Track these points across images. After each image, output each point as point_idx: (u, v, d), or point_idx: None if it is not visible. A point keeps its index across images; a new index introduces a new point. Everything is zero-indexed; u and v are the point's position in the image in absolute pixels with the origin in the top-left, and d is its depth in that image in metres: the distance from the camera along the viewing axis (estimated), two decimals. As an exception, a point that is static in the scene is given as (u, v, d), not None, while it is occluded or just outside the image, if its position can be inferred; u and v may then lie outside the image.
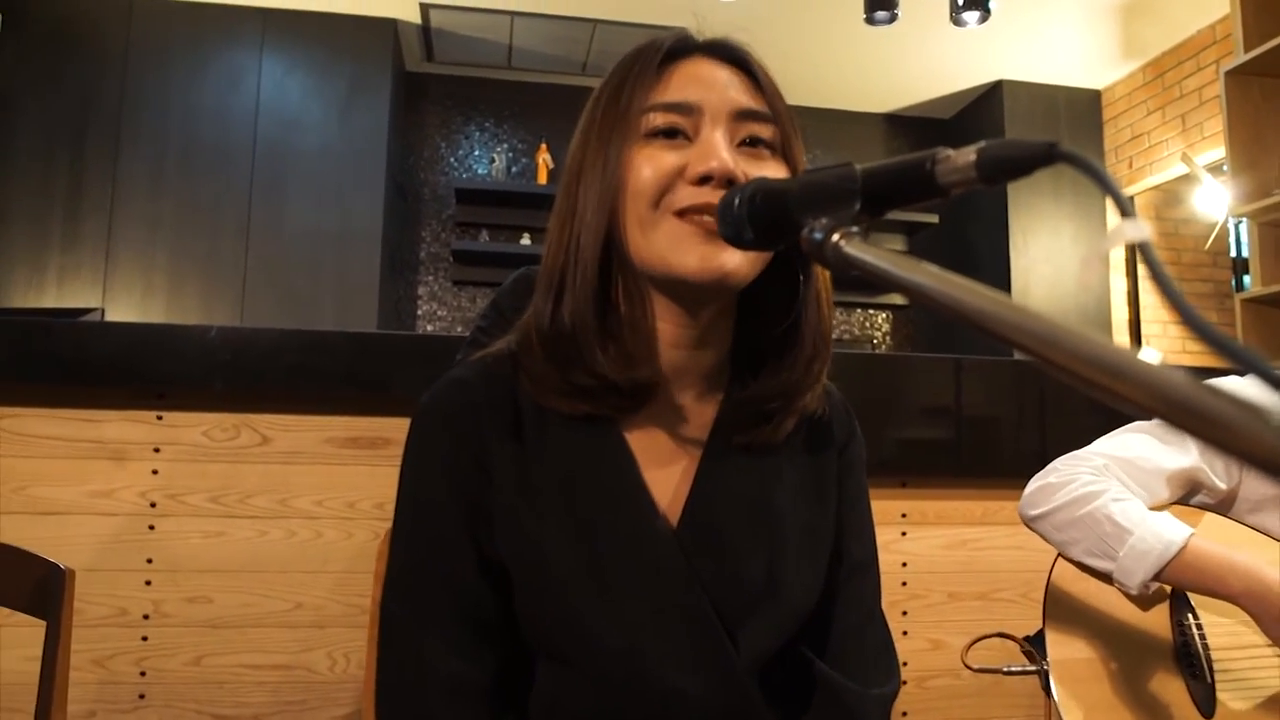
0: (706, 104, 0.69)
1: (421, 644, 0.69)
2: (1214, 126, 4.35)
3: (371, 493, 2.25)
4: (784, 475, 0.76)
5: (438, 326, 5.05)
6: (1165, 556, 1.00)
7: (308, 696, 2.19)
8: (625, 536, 0.70)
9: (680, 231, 0.66)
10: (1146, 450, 1.12)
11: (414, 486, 0.73)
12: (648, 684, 0.68)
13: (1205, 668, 1.04)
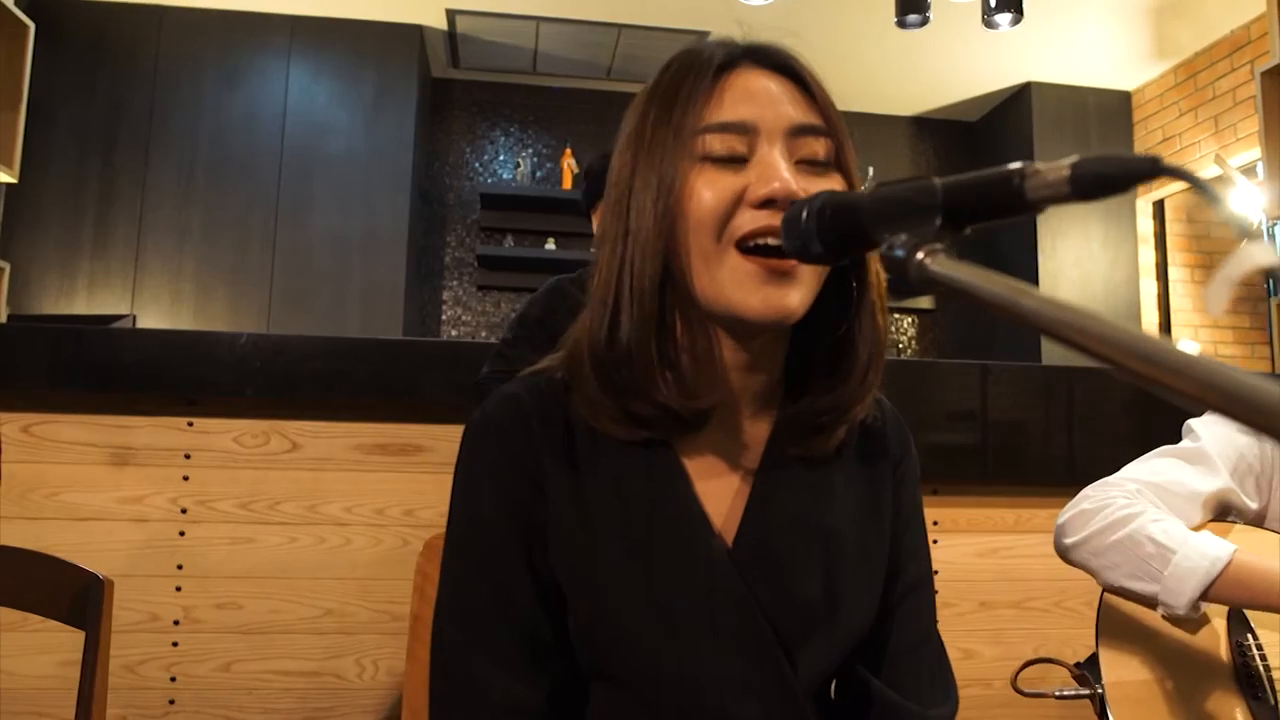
0: (762, 122, 0.66)
1: (475, 664, 0.68)
2: (1248, 128, 4.28)
3: (400, 499, 2.25)
4: (839, 492, 0.74)
5: (462, 332, 5.07)
6: (1212, 573, 0.97)
7: (336, 703, 2.19)
8: (681, 557, 0.69)
9: (745, 271, 0.64)
10: (1177, 474, 1.10)
11: (467, 503, 0.72)
12: (705, 710, 0.67)
13: (1269, 689, 1.01)
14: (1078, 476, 2.37)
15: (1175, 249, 5.03)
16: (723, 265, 0.65)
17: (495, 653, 0.68)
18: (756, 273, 0.64)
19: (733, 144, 0.66)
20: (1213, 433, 1.12)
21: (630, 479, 0.70)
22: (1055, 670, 1.21)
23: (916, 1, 2.82)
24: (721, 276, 0.65)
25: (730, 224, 0.65)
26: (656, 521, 0.69)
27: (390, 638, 2.22)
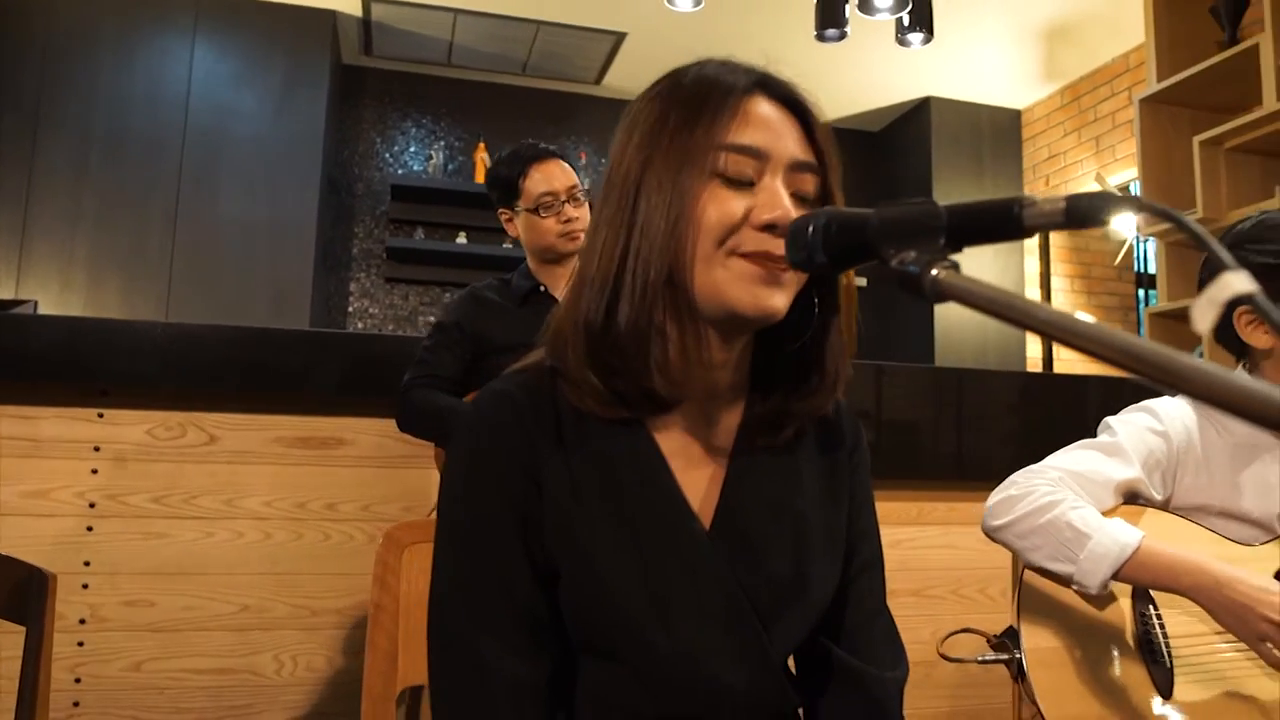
0: (772, 151, 0.72)
1: (480, 647, 0.71)
2: (1126, 149, 4.60)
3: (322, 493, 2.22)
4: (803, 478, 0.81)
5: (369, 324, 4.98)
6: (1122, 558, 1.08)
7: (253, 700, 2.15)
8: (665, 539, 0.74)
9: (742, 271, 0.71)
10: (1095, 464, 1.21)
11: (465, 498, 0.75)
12: (697, 679, 0.72)
13: (1165, 654, 1.13)
14: (966, 473, 2.55)
15: (1057, 260, 5.35)
16: (722, 267, 0.71)
17: (500, 636, 0.72)
18: (753, 274, 0.71)
19: (744, 167, 0.72)
20: (1128, 430, 1.24)
21: (615, 465, 0.74)
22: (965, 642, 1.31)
23: (835, 17, 2.94)
24: (720, 276, 0.71)
25: (732, 239, 0.71)
26: (640, 506, 0.74)
27: (310, 633, 2.20)
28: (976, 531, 2.73)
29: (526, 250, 2.01)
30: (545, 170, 1.94)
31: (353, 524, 2.24)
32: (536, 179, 1.93)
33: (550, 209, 1.93)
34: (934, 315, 5.11)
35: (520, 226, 1.98)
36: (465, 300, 2.00)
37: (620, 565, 0.72)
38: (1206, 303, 0.39)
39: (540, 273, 2.00)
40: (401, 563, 1.13)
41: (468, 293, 2.02)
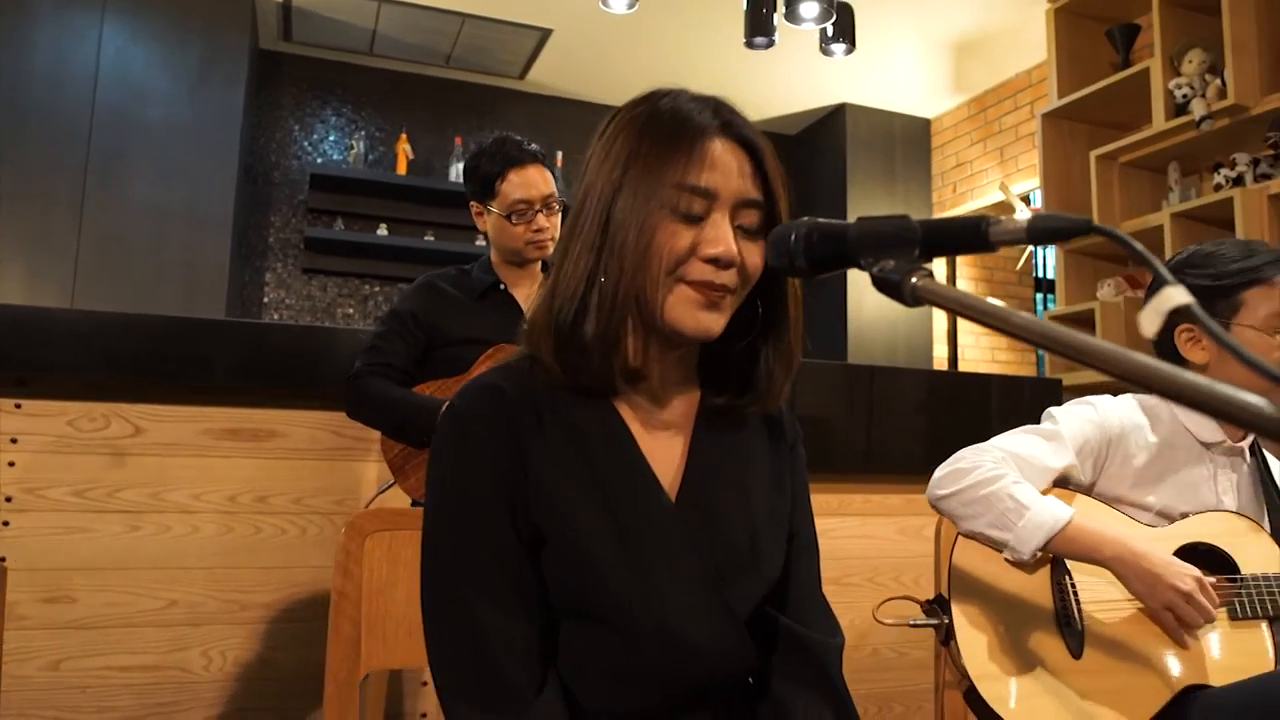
0: (723, 191, 0.81)
1: (478, 611, 0.77)
2: (1028, 160, 4.85)
3: (253, 486, 2.20)
4: (753, 464, 0.90)
5: (285, 315, 4.87)
6: (1055, 529, 1.19)
7: (180, 698, 2.12)
8: (639, 511, 0.82)
9: (687, 297, 0.80)
10: (1035, 449, 1.32)
11: (456, 483, 0.81)
12: (669, 635, 0.79)
13: (1078, 618, 1.24)
14: (876, 466, 2.68)
15: (963, 263, 5.61)
16: (671, 293, 0.80)
17: (495, 600, 0.78)
18: (696, 299, 0.80)
19: (695, 205, 0.80)
20: (1068, 420, 1.36)
21: (589, 444, 0.82)
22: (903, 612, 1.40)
23: (764, 26, 3.03)
24: (667, 299, 0.80)
25: (681, 268, 0.80)
26: (614, 480, 0.82)
27: (240, 627, 2.17)
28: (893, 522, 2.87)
29: (493, 247, 2.01)
30: (524, 176, 1.90)
31: (285, 517, 2.22)
32: (514, 183, 1.89)
33: (523, 216, 1.90)
34: (846, 315, 5.29)
35: (490, 225, 1.96)
36: (422, 290, 1.97)
37: (598, 534, 0.79)
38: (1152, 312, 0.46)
39: (502, 270, 1.99)
40: (364, 550, 1.16)
41: (425, 282, 1.99)
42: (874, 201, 5.46)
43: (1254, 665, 1.20)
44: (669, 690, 0.81)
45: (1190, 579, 1.17)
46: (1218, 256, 1.35)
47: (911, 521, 2.81)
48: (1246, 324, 1.30)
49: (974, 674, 1.20)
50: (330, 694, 1.11)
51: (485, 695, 0.76)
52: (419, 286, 1.99)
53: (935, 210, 5.57)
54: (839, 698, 0.85)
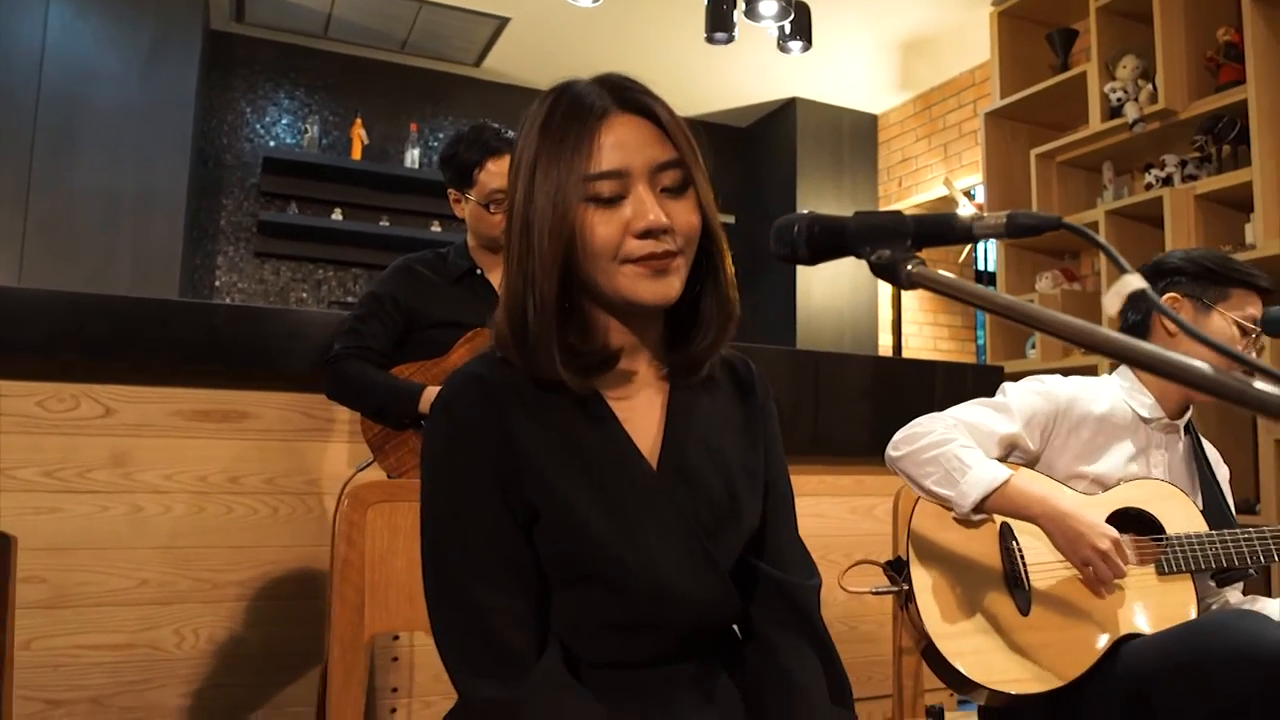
0: (632, 167, 0.85)
1: (476, 589, 0.83)
2: (971, 156, 5.02)
3: (224, 466, 2.22)
4: (727, 424, 0.96)
5: (237, 298, 4.83)
6: (993, 486, 1.31)
7: (152, 675, 2.14)
8: (623, 479, 0.88)
9: (635, 273, 0.85)
10: (985, 418, 1.44)
11: (449, 466, 0.86)
12: (660, 587, 0.86)
13: (1025, 580, 1.36)
14: (822, 447, 2.79)
15: (907, 256, 5.77)
16: (619, 274, 0.85)
17: (491, 578, 0.84)
18: (644, 273, 0.85)
19: (612, 187, 0.84)
20: (1018, 394, 1.48)
21: (574, 421, 0.88)
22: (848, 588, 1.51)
23: (724, 22, 3.12)
24: (620, 282, 0.85)
25: (620, 250, 0.84)
26: (599, 453, 0.88)
27: (212, 605, 2.19)
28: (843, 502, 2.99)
29: (470, 233, 2.05)
30: (502, 166, 1.93)
31: (256, 497, 2.25)
32: (492, 172, 1.93)
33: (501, 205, 1.93)
34: (796, 305, 5.42)
35: (468, 213, 2.00)
36: (400, 273, 2.00)
37: (588, 505, 0.85)
38: (1114, 294, 0.55)
39: (478, 255, 2.03)
40: (366, 520, 1.21)
41: (402, 265, 2.03)
42: (823, 194, 5.60)
43: (1180, 615, 1.33)
44: (662, 639, 0.88)
45: (1107, 539, 1.28)
46: (1227, 255, 1.52)
47: (862, 501, 2.94)
48: (1227, 312, 1.44)
49: (932, 633, 1.31)
50: (336, 656, 1.16)
51: (489, 666, 0.81)
52: (397, 270, 2.03)
53: (881, 204, 5.73)
54: (818, 635, 0.93)
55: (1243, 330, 1.45)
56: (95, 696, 2.08)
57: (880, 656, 2.66)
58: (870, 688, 2.58)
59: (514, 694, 0.79)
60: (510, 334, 0.86)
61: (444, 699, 2.40)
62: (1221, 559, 1.34)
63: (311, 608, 2.24)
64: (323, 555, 2.25)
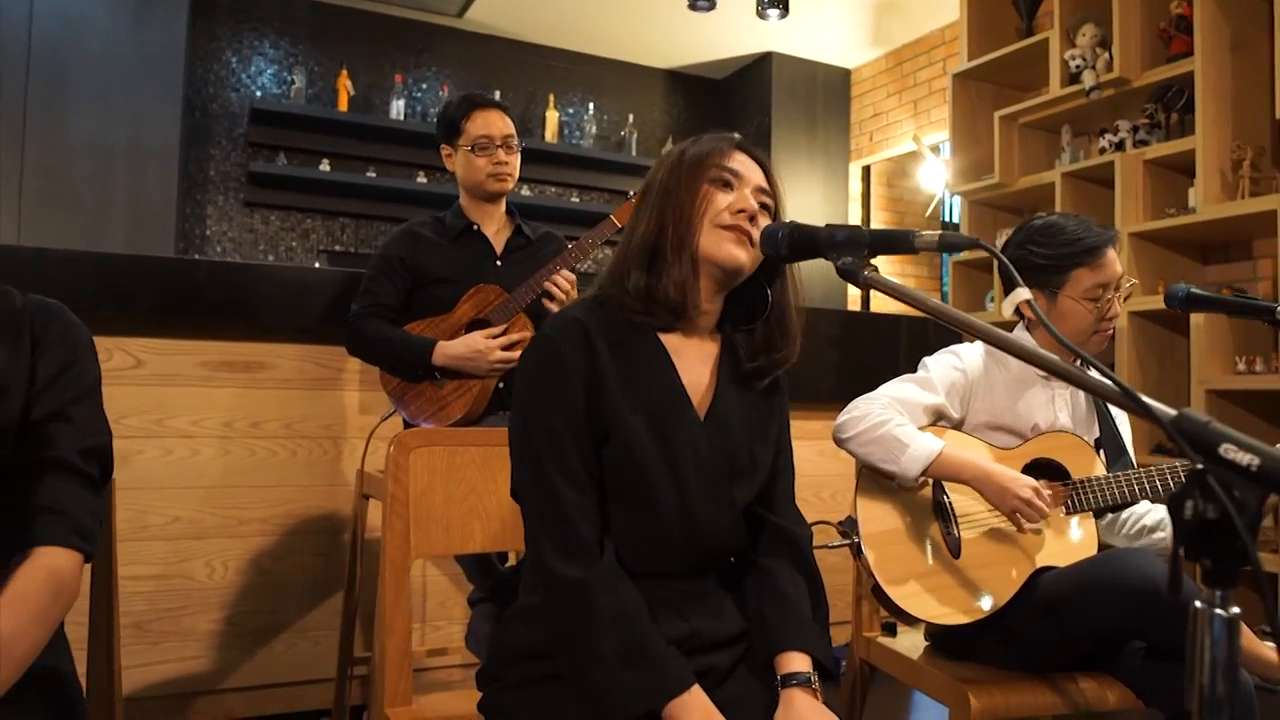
0: (746, 177, 1.15)
1: (561, 486, 1.05)
2: (939, 114, 5.21)
3: (247, 413, 2.42)
4: (757, 397, 1.19)
5: (227, 247, 4.95)
6: (929, 459, 1.53)
7: (186, 603, 2.36)
8: (677, 420, 1.10)
9: (723, 235, 1.12)
10: (911, 393, 1.66)
11: (548, 386, 1.07)
12: (688, 513, 1.08)
13: (955, 527, 1.60)
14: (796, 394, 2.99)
15: (877, 208, 5.99)
16: (714, 234, 1.11)
17: (572, 477, 1.05)
18: (730, 236, 1.11)
19: (728, 176, 1.14)
20: (937, 368, 1.70)
21: (641, 366, 1.11)
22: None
23: (707, -9, 3.25)
24: (712, 239, 1.11)
25: (720, 218, 1.12)
26: (662, 395, 1.11)
27: (238, 540, 2.40)
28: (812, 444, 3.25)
29: (461, 187, 2.24)
30: (487, 117, 2.16)
31: (276, 440, 2.45)
32: (478, 122, 2.15)
33: (485, 150, 2.15)
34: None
35: (458, 163, 2.20)
36: (404, 236, 2.19)
37: (645, 436, 1.07)
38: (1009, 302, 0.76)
39: (472, 210, 2.23)
40: (409, 462, 1.42)
41: (406, 230, 2.22)
42: (796, 147, 5.77)
43: (1086, 549, 1.58)
44: (683, 557, 1.10)
45: (1029, 488, 1.51)
46: (1053, 236, 1.68)
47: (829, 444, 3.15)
48: (1071, 295, 1.66)
49: (879, 577, 1.55)
50: (388, 577, 1.38)
51: (566, 548, 1.03)
52: (402, 233, 2.22)
53: (852, 157, 5.92)
54: (809, 568, 1.17)
55: (1093, 299, 1.66)
56: (137, 622, 2.30)
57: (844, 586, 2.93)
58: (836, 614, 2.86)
59: (586, 575, 1.02)
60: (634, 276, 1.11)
61: (450, 624, 2.64)
62: (1117, 497, 1.59)
63: (329, 541, 2.46)
64: (339, 494, 2.47)
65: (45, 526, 0.96)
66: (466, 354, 1.99)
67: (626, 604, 1.02)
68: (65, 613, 0.97)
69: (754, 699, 1.06)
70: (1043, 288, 1.70)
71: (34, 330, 1.03)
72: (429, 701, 1.40)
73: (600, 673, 0.98)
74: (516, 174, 2.23)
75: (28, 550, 0.95)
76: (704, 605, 1.11)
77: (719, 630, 1.10)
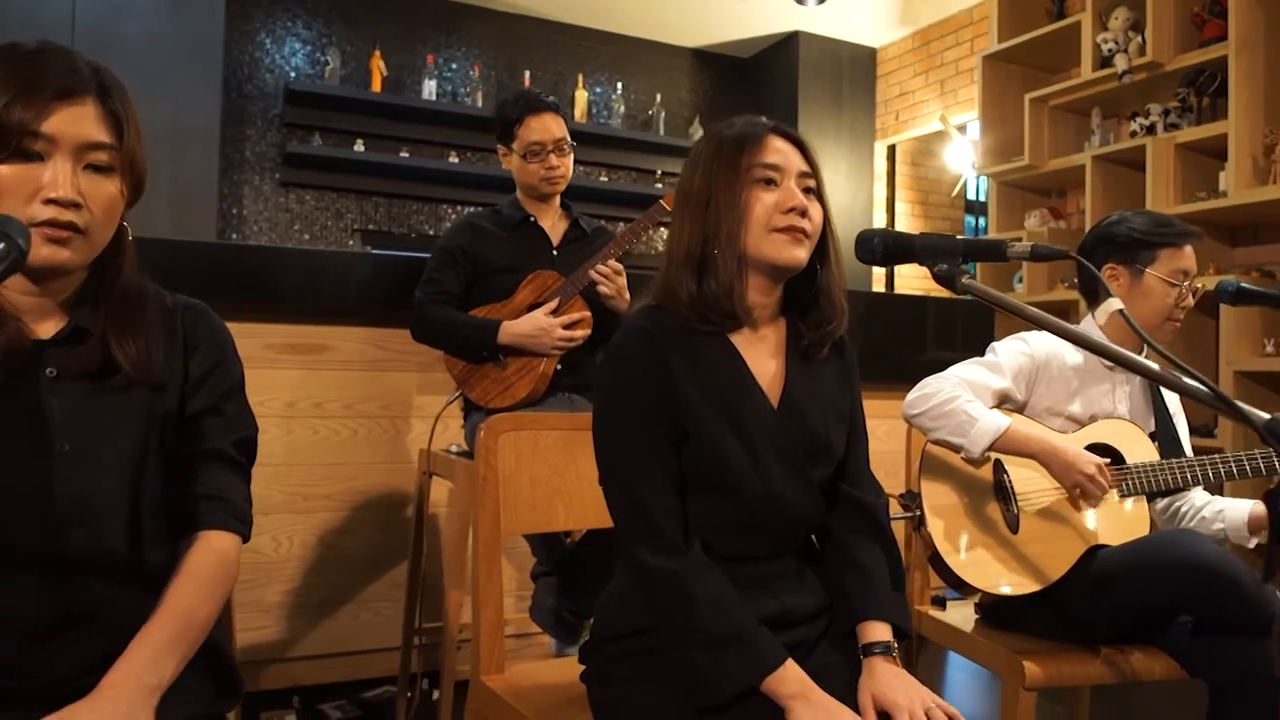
0: (786, 167, 1.16)
1: (643, 489, 1.11)
2: (966, 94, 5.23)
3: (309, 393, 2.51)
4: (827, 378, 1.24)
5: (264, 227, 5.03)
6: (998, 434, 1.61)
7: (256, 575, 2.47)
8: (752, 413, 1.16)
9: (779, 239, 1.14)
10: (979, 375, 1.74)
11: (626, 396, 1.14)
12: (772, 498, 1.14)
13: (1014, 504, 1.68)
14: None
15: (901, 186, 6.03)
16: (767, 239, 1.14)
17: (654, 480, 1.13)
18: (786, 240, 1.14)
19: (770, 174, 1.15)
20: (1005, 353, 1.78)
21: (713, 365, 1.17)
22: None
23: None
24: (766, 245, 1.14)
25: (770, 220, 1.14)
26: (734, 391, 1.16)
27: (303, 516, 2.51)
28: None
29: (517, 185, 2.32)
30: (540, 121, 2.21)
31: (338, 420, 2.54)
32: (531, 127, 2.21)
33: (538, 156, 2.22)
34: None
35: (513, 165, 2.28)
36: (465, 228, 2.27)
37: (725, 430, 1.14)
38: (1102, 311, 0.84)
39: (528, 205, 2.31)
40: (498, 445, 1.51)
41: (465, 221, 2.30)
42: (823, 126, 5.80)
43: (1138, 529, 1.66)
44: (768, 537, 1.18)
45: (1092, 464, 1.60)
46: (1148, 215, 1.77)
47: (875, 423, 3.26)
48: (1157, 273, 1.73)
49: (941, 550, 1.63)
50: (481, 553, 1.47)
51: (653, 545, 1.11)
52: (462, 225, 2.30)
53: (878, 137, 5.95)
54: (886, 538, 1.24)
55: (1171, 284, 1.74)
56: (209, 592, 2.40)
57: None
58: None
59: (678, 566, 1.09)
60: (684, 285, 1.15)
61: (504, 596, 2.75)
62: (1170, 482, 1.67)
63: (389, 516, 2.56)
64: (398, 471, 2.57)
65: (209, 512, 1.05)
66: (531, 331, 2.07)
67: (717, 590, 1.09)
68: (230, 589, 1.07)
69: (839, 668, 1.13)
70: (1129, 264, 1.76)
71: (185, 329, 1.11)
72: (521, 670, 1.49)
73: (701, 653, 1.05)
74: (569, 174, 2.30)
75: (193, 534, 1.04)
76: (790, 582, 1.18)
77: (806, 605, 1.18)
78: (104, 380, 1.01)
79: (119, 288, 1.05)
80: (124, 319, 1.04)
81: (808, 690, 1.03)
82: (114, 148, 0.99)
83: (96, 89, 0.99)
